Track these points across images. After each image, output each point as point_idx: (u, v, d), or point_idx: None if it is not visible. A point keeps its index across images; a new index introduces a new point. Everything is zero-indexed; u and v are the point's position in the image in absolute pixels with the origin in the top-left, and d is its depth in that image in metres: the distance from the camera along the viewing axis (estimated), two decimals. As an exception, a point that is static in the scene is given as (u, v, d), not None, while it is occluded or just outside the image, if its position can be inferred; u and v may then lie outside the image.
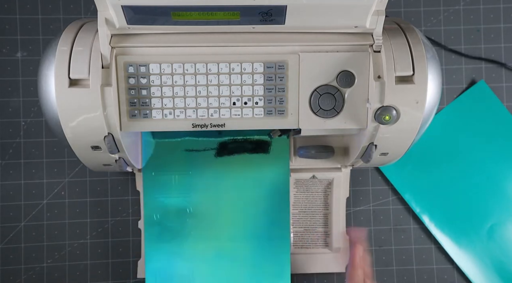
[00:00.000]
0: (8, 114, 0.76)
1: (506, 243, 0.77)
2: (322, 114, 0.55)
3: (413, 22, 0.67)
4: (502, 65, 0.79)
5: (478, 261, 0.77)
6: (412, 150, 0.59)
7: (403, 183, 0.78)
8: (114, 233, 0.77)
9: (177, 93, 0.54)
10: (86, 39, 0.52)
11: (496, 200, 0.78)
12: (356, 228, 0.64)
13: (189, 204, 0.71)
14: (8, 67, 0.76)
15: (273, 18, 0.50)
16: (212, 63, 0.53)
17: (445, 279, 0.78)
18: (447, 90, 0.79)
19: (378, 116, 0.53)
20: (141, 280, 0.76)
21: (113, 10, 0.49)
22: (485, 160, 0.78)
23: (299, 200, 0.75)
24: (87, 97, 0.50)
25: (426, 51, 0.53)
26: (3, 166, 0.76)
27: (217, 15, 0.50)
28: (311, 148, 0.71)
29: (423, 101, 0.52)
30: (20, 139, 0.76)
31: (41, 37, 0.76)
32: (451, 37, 0.79)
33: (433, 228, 0.78)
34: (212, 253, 0.71)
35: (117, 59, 0.53)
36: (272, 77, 0.54)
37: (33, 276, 0.76)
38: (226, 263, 0.71)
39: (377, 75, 0.53)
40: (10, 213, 0.76)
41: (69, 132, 0.52)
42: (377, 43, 0.53)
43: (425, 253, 0.78)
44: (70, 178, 0.77)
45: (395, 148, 0.57)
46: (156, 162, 0.71)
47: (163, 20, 0.50)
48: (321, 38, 0.54)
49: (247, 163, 0.71)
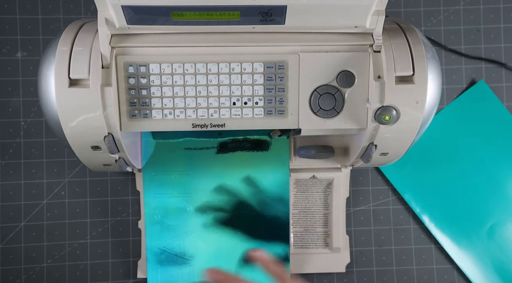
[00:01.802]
0: (8, 114, 0.76)
1: (506, 243, 0.77)
2: (322, 114, 0.55)
3: (413, 22, 0.67)
4: (502, 65, 0.79)
5: (478, 261, 0.77)
6: (412, 150, 0.59)
7: (403, 183, 0.78)
8: (114, 233, 0.77)
9: (177, 93, 0.54)
10: (86, 39, 0.52)
11: (496, 200, 0.78)
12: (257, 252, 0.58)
13: (189, 203, 0.71)
14: (8, 67, 0.76)
15: (273, 18, 0.50)
16: (212, 63, 0.53)
17: (445, 279, 0.78)
18: (447, 90, 0.79)
19: (378, 116, 0.53)
20: (141, 280, 0.76)
21: (113, 10, 0.49)
22: (485, 160, 0.78)
23: (299, 200, 0.75)
24: (87, 97, 0.50)
25: (426, 51, 0.53)
26: (3, 166, 0.76)
27: (217, 15, 0.50)
28: (311, 148, 0.71)
29: (423, 101, 0.52)
30: (20, 139, 0.76)
31: (41, 37, 0.76)
32: (451, 37, 0.79)
33: (433, 228, 0.78)
34: (212, 252, 0.71)
35: (117, 59, 0.53)
36: (272, 77, 0.54)
37: (33, 276, 0.76)
38: (226, 262, 0.71)
39: (377, 75, 0.53)
40: (10, 213, 0.76)
41: (69, 132, 0.52)
42: (377, 43, 0.53)
43: (425, 253, 0.78)
44: (70, 178, 0.77)
45: (395, 148, 0.57)
46: (156, 162, 0.71)
47: (163, 20, 0.50)
48: (321, 38, 0.54)
49: (247, 163, 0.71)
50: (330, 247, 0.75)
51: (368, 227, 0.78)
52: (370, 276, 0.78)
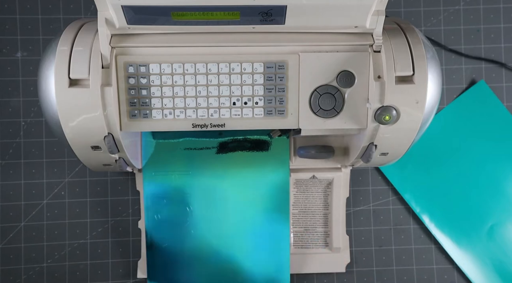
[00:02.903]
0: (8, 114, 0.76)
1: (506, 243, 0.77)
2: (322, 114, 0.55)
3: (413, 22, 0.67)
4: (502, 65, 0.79)
5: (478, 261, 0.77)
6: (412, 150, 0.59)
7: (403, 183, 0.78)
8: (114, 233, 0.77)
9: (177, 93, 0.54)
10: (86, 39, 0.52)
11: (496, 200, 0.78)
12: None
13: (189, 203, 0.71)
14: (8, 67, 0.76)
15: (273, 18, 0.50)
16: (212, 63, 0.53)
17: (445, 279, 0.78)
18: (447, 90, 0.79)
19: (378, 116, 0.53)
20: (141, 280, 0.76)
21: (113, 10, 0.49)
22: (485, 160, 0.78)
23: (299, 200, 0.75)
24: (87, 97, 0.50)
25: (426, 51, 0.53)
26: (3, 166, 0.76)
27: (217, 15, 0.50)
28: (311, 148, 0.71)
29: (423, 101, 0.52)
30: (20, 139, 0.76)
31: (41, 37, 0.76)
32: (451, 37, 0.79)
33: (433, 228, 0.78)
34: (211, 252, 0.71)
35: (117, 59, 0.53)
36: (272, 77, 0.54)
37: (33, 276, 0.76)
38: (225, 262, 0.71)
39: (377, 75, 0.53)
40: (10, 213, 0.76)
41: (69, 132, 0.52)
42: (377, 43, 0.53)
43: (425, 253, 0.78)
44: (70, 178, 0.77)
45: (395, 148, 0.57)
46: (156, 162, 0.71)
47: (163, 20, 0.50)
48: (321, 38, 0.54)
49: (247, 163, 0.71)
50: (330, 247, 0.76)
51: (368, 227, 0.78)
52: (370, 276, 0.78)
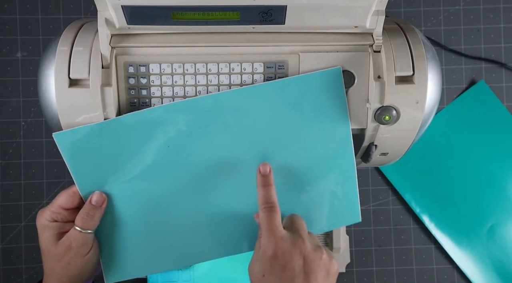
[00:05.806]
0: (8, 114, 0.76)
1: (506, 243, 0.77)
2: (322, 114, 0.55)
3: (413, 22, 0.67)
4: (502, 65, 0.79)
5: (478, 261, 0.77)
6: (412, 150, 0.59)
7: (403, 183, 0.78)
8: (114, 233, 0.77)
9: (177, 93, 0.54)
10: (86, 39, 0.52)
11: (496, 200, 0.78)
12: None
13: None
14: (8, 67, 0.76)
15: (273, 18, 0.50)
16: (212, 63, 0.53)
17: (445, 279, 0.78)
18: (447, 90, 0.79)
19: (378, 116, 0.53)
20: (141, 280, 0.76)
21: (113, 10, 0.49)
22: (485, 160, 0.78)
23: (299, 200, 0.75)
24: (87, 97, 0.50)
25: (426, 51, 0.53)
26: (3, 166, 0.76)
27: (217, 15, 0.50)
28: (311, 148, 0.71)
29: (423, 101, 0.52)
30: (20, 139, 0.76)
31: (41, 37, 0.76)
32: (451, 37, 0.79)
33: (433, 228, 0.78)
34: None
35: (117, 59, 0.53)
36: (272, 77, 0.54)
37: (34, 276, 0.76)
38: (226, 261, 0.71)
39: (377, 75, 0.53)
40: (10, 213, 0.76)
41: (69, 132, 0.52)
42: (377, 43, 0.53)
43: (425, 253, 0.78)
44: (70, 178, 0.77)
45: (395, 148, 0.57)
46: None
47: (163, 20, 0.50)
48: (321, 38, 0.54)
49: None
50: (330, 247, 0.75)
51: (368, 227, 0.78)
52: (370, 276, 0.78)
